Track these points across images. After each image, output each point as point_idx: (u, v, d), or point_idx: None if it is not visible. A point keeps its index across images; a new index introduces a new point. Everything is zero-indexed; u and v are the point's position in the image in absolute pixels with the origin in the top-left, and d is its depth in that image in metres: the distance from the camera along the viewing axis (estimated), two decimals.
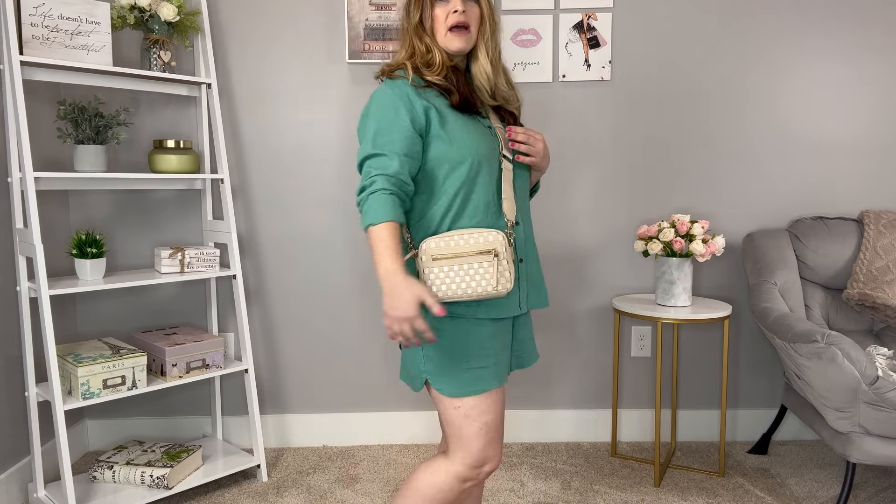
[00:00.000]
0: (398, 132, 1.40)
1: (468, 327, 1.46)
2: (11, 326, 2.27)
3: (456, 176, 1.44)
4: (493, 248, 1.39)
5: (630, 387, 2.80)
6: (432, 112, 1.44)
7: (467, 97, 1.48)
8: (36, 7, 2.02)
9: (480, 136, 1.47)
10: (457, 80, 1.49)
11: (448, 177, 1.44)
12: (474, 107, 1.49)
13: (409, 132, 1.40)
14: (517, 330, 1.59)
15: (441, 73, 1.48)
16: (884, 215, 2.55)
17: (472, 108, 1.49)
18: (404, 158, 1.39)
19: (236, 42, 2.62)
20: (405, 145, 1.39)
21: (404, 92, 1.44)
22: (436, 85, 1.47)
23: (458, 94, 1.47)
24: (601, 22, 2.62)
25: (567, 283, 2.75)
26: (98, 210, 2.63)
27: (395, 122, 1.40)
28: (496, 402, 1.49)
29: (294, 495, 2.35)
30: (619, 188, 2.71)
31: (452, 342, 1.45)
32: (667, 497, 2.32)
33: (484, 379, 1.46)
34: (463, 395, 1.45)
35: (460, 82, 1.49)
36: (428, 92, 1.46)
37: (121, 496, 2.18)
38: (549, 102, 2.67)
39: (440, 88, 1.48)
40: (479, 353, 1.46)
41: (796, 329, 2.13)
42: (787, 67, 2.66)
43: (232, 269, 2.45)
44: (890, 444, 2.00)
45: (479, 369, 1.46)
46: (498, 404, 1.50)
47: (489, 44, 1.53)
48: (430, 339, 1.35)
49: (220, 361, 2.40)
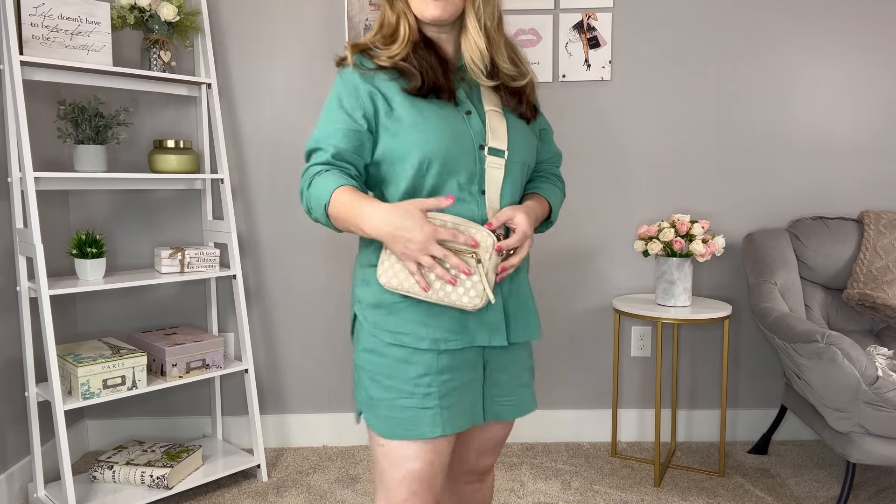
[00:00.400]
0: (337, 124, 1.20)
1: (407, 356, 1.20)
2: (11, 326, 2.27)
3: (403, 176, 1.20)
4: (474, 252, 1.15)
5: (630, 387, 2.80)
6: (378, 99, 1.20)
7: (435, 81, 1.20)
8: (36, 7, 2.02)
9: (443, 128, 1.18)
10: (423, 60, 1.22)
11: (394, 177, 1.21)
12: (441, 91, 1.21)
13: (348, 125, 1.19)
14: (494, 371, 1.29)
15: (403, 49, 1.21)
16: (884, 215, 2.55)
17: (437, 93, 1.21)
18: (343, 150, 1.20)
19: (236, 42, 2.62)
20: (343, 139, 1.19)
21: (350, 81, 1.22)
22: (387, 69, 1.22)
23: (421, 76, 1.20)
24: (601, 22, 2.62)
25: (567, 283, 2.75)
26: (98, 210, 2.63)
27: (335, 115, 1.21)
28: (434, 453, 1.23)
29: (294, 495, 2.35)
30: (619, 188, 2.71)
31: (389, 371, 1.21)
32: (667, 497, 2.32)
33: (422, 422, 1.19)
34: (389, 437, 1.21)
35: (428, 61, 1.22)
36: (379, 76, 1.22)
37: (121, 496, 2.18)
38: (549, 102, 2.67)
39: (399, 71, 1.22)
40: (417, 391, 1.19)
41: (796, 329, 2.13)
42: (787, 67, 2.66)
43: (232, 269, 2.45)
44: (890, 444, 2.00)
45: (418, 410, 1.20)
46: (436, 454, 1.23)
47: (482, 11, 1.22)
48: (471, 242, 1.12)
49: (220, 361, 2.40)
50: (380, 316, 1.22)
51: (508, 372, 1.31)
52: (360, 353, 1.25)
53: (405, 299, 1.21)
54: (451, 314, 1.22)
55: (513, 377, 1.32)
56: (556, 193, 1.37)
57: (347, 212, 1.14)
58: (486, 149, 1.22)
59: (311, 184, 1.19)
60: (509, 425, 1.41)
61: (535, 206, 1.28)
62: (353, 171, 1.21)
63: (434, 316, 1.21)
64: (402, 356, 1.20)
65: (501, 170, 1.22)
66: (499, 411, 1.32)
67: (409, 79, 1.21)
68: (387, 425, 1.21)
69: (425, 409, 1.20)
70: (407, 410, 1.20)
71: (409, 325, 1.20)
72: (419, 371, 1.20)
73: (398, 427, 1.20)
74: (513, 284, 1.29)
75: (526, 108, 1.29)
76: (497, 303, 1.24)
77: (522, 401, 1.34)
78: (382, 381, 1.21)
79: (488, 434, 1.40)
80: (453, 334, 1.22)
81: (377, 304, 1.23)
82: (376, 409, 1.22)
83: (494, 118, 1.24)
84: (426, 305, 1.21)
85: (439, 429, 1.20)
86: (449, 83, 1.22)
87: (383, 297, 1.22)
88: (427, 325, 1.20)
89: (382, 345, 1.21)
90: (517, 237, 1.19)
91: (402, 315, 1.21)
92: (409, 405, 1.20)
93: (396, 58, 1.21)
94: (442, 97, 1.21)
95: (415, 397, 1.20)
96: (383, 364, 1.21)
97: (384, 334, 1.21)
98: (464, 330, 1.22)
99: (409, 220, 1.10)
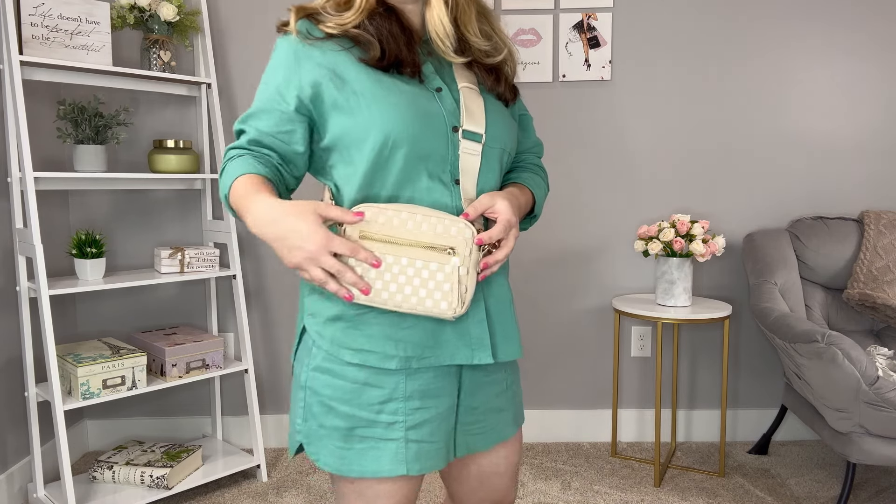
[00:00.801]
0: (264, 103, 1.05)
1: (369, 377, 1.02)
2: (11, 326, 2.27)
3: (361, 163, 1.01)
4: (452, 246, 0.99)
5: (630, 387, 2.80)
6: (324, 75, 1.01)
7: (398, 53, 1.02)
8: (36, 7, 2.02)
9: (408, 104, 1.00)
10: (381, 28, 1.04)
11: (350, 166, 1.02)
12: (404, 65, 1.02)
13: (276, 105, 1.03)
14: (468, 394, 1.10)
15: (358, 17, 1.04)
16: (884, 215, 2.54)
17: (399, 67, 1.02)
18: (264, 135, 1.04)
19: (236, 42, 2.62)
20: (267, 122, 1.04)
21: (289, 52, 1.04)
22: (337, 37, 1.04)
23: (380, 44, 1.02)
24: (601, 22, 2.62)
25: (567, 283, 2.75)
26: (98, 210, 2.63)
27: (264, 93, 1.05)
28: (400, 495, 1.04)
29: (294, 495, 2.35)
30: (619, 188, 2.71)
31: (346, 395, 1.02)
32: (667, 497, 2.32)
33: (382, 457, 1.01)
34: (340, 473, 1.03)
35: (389, 29, 1.04)
36: (327, 45, 1.03)
37: (121, 496, 2.18)
38: (549, 102, 2.67)
39: (352, 39, 1.04)
40: (381, 418, 1.02)
41: (796, 329, 2.13)
42: (787, 67, 2.66)
43: (232, 269, 2.45)
44: (890, 444, 2.00)
45: (380, 441, 1.02)
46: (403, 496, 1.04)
47: None
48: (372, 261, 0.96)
49: (219, 361, 2.40)
50: (339, 331, 1.03)
51: (483, 395, 1.12)
52: (310, 372, 1.05)
53: (371, 310, 1.03)
54: (424, 326, 1.03)
55: (488, 400, 1.12)
56: (540, 185, 1.19)
57: (239, 205, 0.99)
58: (461, 131, 1.03)
59: (223, 170, 1.04)
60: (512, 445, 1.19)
61: (519, 194, 1.11)
62: (276, 159, 1.05)
63: (405, 329, 1.03)
64: (364, 378, 1.01)
65: (478, 156, 1.04)
66: (470, 443, 1.12)
67: (365, 48, 1.02)
68: (338, 458, 1.02)
69: (388, 440, 1.01)
70: (366, 441, 1.01)
71: (374, 341, 1.02)
72: (383, 395, 1.01)
73: (354, 461, 1.02)
74: (495, 288, 1.10)
75: (505, 87, 1.12)
76: (479, 312, 1.06)
77: (496, 426, 1.13)
78: (338, 406, 1.02)
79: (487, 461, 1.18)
80: (427, 350, 1.03)
81: (336, 316, 1.03)
82: (326, 440, 1.03)
83: (470, 96, 1.06)
84: (394, 316, 1.03)
85: (402, 466, 1.01)
86: (413, 56, 1.04)
87: (345, 308, 1.03)
88: (396, 341, 1.02)
89: (340, 364, 1.02)
90: (501, 226, 1.02)
91: (367, 329, 1.02)
92: (368, 435, 1.01)
93: (348, 25, 1.03)
94: (404, 72, 1.02)
95: (377, 426, 1.01)
96: (340, 387, 1.02)
97: (345, 352, 1.02)
98: (439, 345, 1.03)
99: (301, 223, 0.92)
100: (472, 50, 1.09)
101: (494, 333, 1.09)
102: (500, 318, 1.10)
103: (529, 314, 2.76)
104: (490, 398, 1.12)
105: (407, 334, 1.02)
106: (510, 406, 1.16)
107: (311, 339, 1.06)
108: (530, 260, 2.73)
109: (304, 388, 1.06)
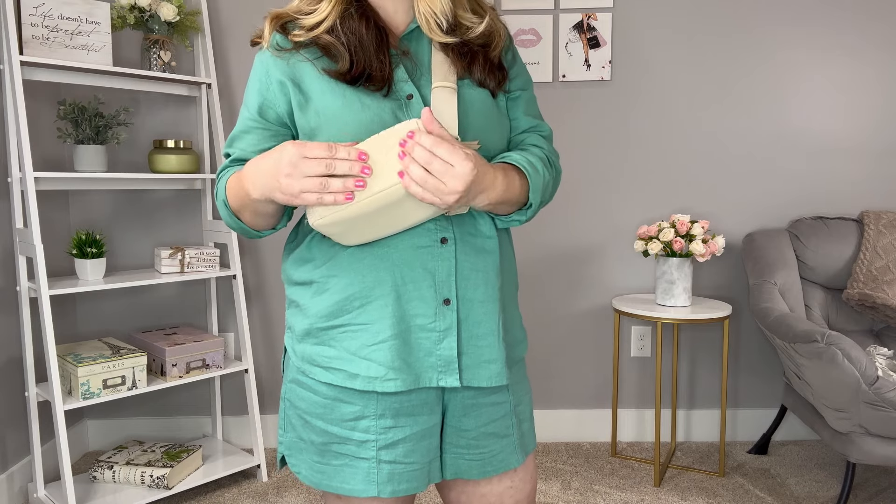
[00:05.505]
0: (244, 123, 1.02)
1: (338, 393, 0.99)
2: (11, 326, 2.27)
3: None
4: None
5: (630, 387, 2.80)
6: (291, 91, 0.98)
7: (366, 65, 0.96)
8: (36, 7, 2.02)
9: (369, 122, 0.94)
10: (351, 34, 0.97)
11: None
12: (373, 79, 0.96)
13: (256, 124, 1.01)
14: (456, 414, 1.03)
15: (332, 9, 0.98)
16: (884, 215, 2.55)
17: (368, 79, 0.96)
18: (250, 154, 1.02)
19: (236, 42, 2.62)
20: (250, 143, 1.01)
21: (261, 69, 1.01)
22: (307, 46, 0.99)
23: (350, 56, 0.96)
24: (601, 22, 2.62)
25: (567, 283, 2.75)
26: (98, 210, 2.63)
27: (244, 113, 1.03)
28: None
29: (294, 495, 2.35)
30: (619, 188, 2.71)
31: (320, 410, 1.00)
32: (667, 497, 2.32)
33: (356, 476, 0.98)
34: (323, 489, 1.01)
35: (360, 35, 0.97)
36: (296, 57, 0.98)
37: (121, 496, 2.18)
38: (549, 102, 2.67)
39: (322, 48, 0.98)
40: (353, 436, 0.99)
41: (796, 329, 2.13)
42: (787, 67, 2.66)
43: (232, 269, 2.45)
44: (890, 444, 2.00)
45: (353, 459, 0.99)
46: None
47: None
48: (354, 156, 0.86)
49: (220, 361, 2.40)
50: (308, 346, 1.01)
51: (477, 417, 1.03)
52: (288, 384, 1.06)
53: (338, 326, 0.98)
54: (391, 344, 0.96)
55: (483, 424, 1.04)
56: (536, 166, 1.01)
57: (237, 194, 0.97)
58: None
59: (216, 191, 1.03)
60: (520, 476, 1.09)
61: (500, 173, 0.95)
62: None
63: (370, 347, 0.97)
64: (334, 394, 0.99)
65: None
66: (462, 467, 1.04)
67: (334, 58, 0.97)
68: (317, 473, 1.01)
69: (361, 459, 0.98)
70: (340, 458, 0.99)
71: (340, 359, 0.98)
72: (355, 411, 0.98)
73: (332, 477, 1.00)
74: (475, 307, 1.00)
75: (489, 72, 1.02)
76: (450, 330, 0.98)
77: (498, 454, 1.04)
78: (313, 421, 1.00)
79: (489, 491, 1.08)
80: (392, 371, 0.96)
81: (306, 332, 1.01)
82: (305, 454, 1.02)
83: (442, 98, 0.96)
84: (361, 333, 0.97)
85: (373, 488, 0.97)
86: (383, 66, 0.97)
87: (314, 323, 1.00)
88: (362, 359, 0.97)
89: (312, 379, 1.01)
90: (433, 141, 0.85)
91: (335, 345, 0.98)
92: (343, 452, 0.99)
93: (320, 28, 0.97)
94: (371, 86, 0.96)
95: (350, 443, 0.98)
96: (314, 402, 1.00)
97: (315, 370, 1.00)
98: (406, 367, 0.97)
99: (276, 153, 0.89)
100: (460, 28, 1.01)
101: (467, 355, 0.99)
102: (478, 340, 1.00)
103: (529, 314, 2.76)
104: (485, 422, 1.04)
105: (372, 352, 0.96)
106: (513, 432, 1.06)
107: (289, 357, 1.07)
108: (530, 260, 2.74)
109: (284, 399, 1.06)
